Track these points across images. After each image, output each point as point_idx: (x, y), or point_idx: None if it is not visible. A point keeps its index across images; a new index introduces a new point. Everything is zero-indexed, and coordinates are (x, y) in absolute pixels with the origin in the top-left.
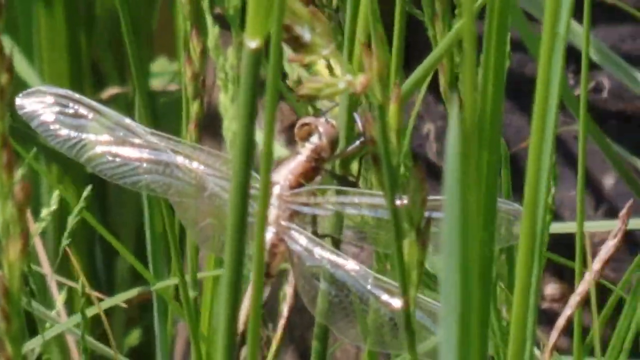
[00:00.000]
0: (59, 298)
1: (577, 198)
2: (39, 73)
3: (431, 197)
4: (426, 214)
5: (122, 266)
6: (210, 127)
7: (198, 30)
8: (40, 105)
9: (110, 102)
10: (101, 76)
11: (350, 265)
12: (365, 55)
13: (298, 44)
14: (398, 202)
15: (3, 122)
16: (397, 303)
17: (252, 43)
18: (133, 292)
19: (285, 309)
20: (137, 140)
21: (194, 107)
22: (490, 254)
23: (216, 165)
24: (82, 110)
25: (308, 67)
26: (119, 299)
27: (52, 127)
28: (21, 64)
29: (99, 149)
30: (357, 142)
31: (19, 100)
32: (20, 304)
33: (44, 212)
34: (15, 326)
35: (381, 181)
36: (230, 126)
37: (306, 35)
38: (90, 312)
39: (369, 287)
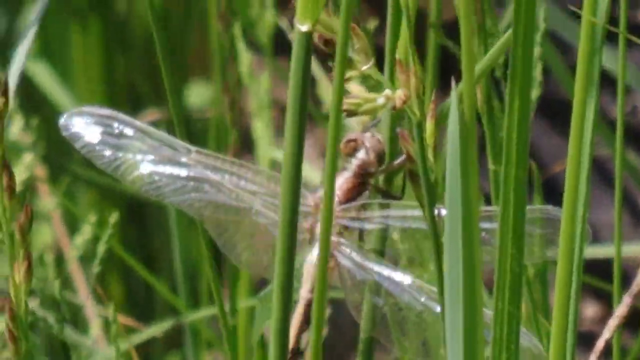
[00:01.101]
0: (94, 325)
1: (614, 220)
2: (75, 97)
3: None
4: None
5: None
6: (242, 153)
7: (232, 58)
8: (84, 126)
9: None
10: (137, 100)
11: (402, 277)
12: (400, 71)
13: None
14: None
15: (2, 145)
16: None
17: (303, 27)
18: (167, 324)
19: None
20: (182, 159)
21: (232, 135)
22: (519, 269)
23: (262, 182)
24: (127, 130)
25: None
26: (154, 332)
27: (97, 148)
28: (56, 89)
29: (144, 169)
30: (402, 157)
31: (62, 121)
32: (27, 326)
33: (78, 240)
34: (22, 348)
35: (419, 197)
36: (266, 153)
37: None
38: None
39: (423, 299)
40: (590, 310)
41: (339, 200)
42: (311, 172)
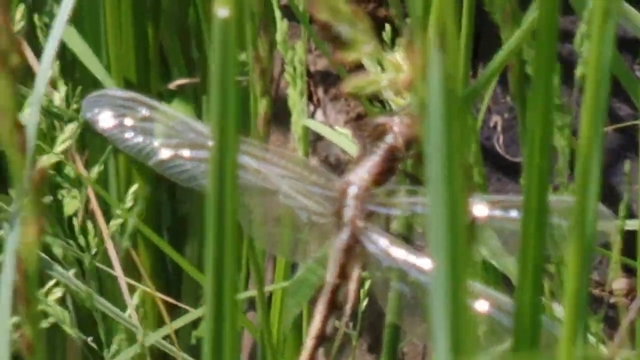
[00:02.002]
0: (131, 302)
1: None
2: (106, 65)
3: (498, 197)
4: (496, 211)
5: (192, 258)
6: (277, 120)
7: (266, 25)
8: (106, 108)
9: (178, 93)
10: (168, 67)
11: (428, 265)
12: (409, 51)
13: (339, 42)
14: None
15: (14, 104)
16: (476, 305)
17: (221, 12)
18: (199, 312)
19: (347, 308)
20: (205, 142)
21: (263, 104)
22: (542, 258)
23: (288, 165)
24: (149, 113)
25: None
26: (188, 319)
27: (118, 130)
28: (87, 56)
29: (167, 152)
30: None
31: (85, 104)
32: (37, 287)
33: (113, 222)
34: (33, 309)
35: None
36: (299, 120)
37: (346, 32)
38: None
39: None
40: (621, 282)
41: (367, 184)
42: (340, 138)
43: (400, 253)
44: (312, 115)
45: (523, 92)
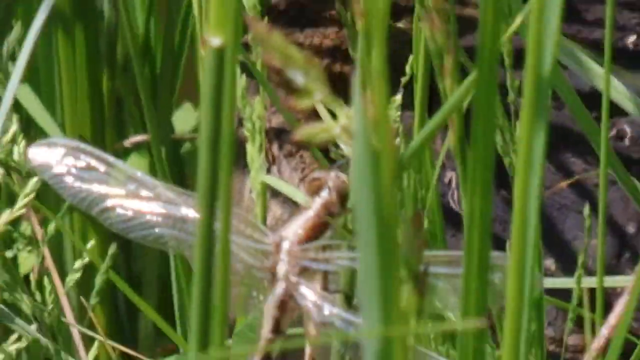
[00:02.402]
0: (89, 354)
1: (598, 248)
2: (60, 122)
3: (447, 253)
4: (445, 268)
5: (147, 319)
6: (235, 175)
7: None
8: (52, 157)
9: (134, 149)
10: (124, 122)
11: (361, 320)
12: (361, 99)
13: (290, 89)
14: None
15: None
16: None
17: (215, 40)
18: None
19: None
20: (149, 194)
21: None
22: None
23: (234, 222)
24: (94, 163)
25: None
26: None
27: (64, 179)
28: (41, 115)
29: (109, 202)
30: None
31: (30, 152)
32: None
33: (69, 277)
34: None
35: None
36: (257, 177)
37: (298, 79)
38: None
39: None
40: (575, 337)
41: (299, 239)
42: (296, 194)
43: (334, 309)
44: (267, 172)
45: (464, 148)
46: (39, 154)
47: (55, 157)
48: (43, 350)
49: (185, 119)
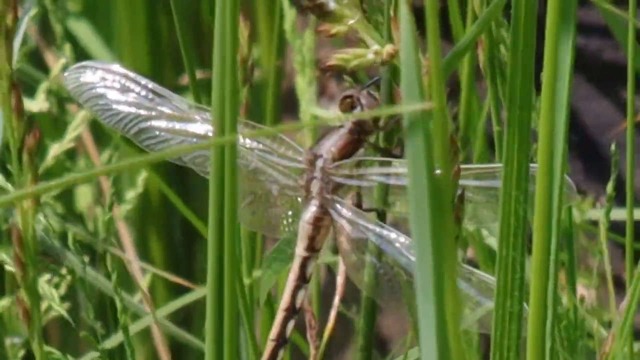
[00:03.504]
0: (143, 284)
1: None
2: (118, 58)
3: (477, 166)
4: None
5: (203, 253)
6: (290, 110)
7: (246, 14)
8: (87, 80)
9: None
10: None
11: (395, 236)
12: (393, 27)
13: (323, 13)
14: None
15: (10, 65)
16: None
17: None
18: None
19: (336, 299)
20: (183, 115)
21: (244, 93)
22: (524, 213)
23: (263, 141)
24: (129, 84)
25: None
26: (199, 294)
27: (99, 101)
28: (99, 49)
29: (145, 124)
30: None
31: (66, 75)
32: (35, 252)
33: (130, 194)
34: (30, 275)
35: None
36: (308, 109)
37: (330, 4)
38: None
39: (412, 257)
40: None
41: (333, 157)
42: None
43: (368, 225)
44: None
45: (494, 68)
46: (74, 78)
47: (90, 80)
48: (95, 284)
49: None
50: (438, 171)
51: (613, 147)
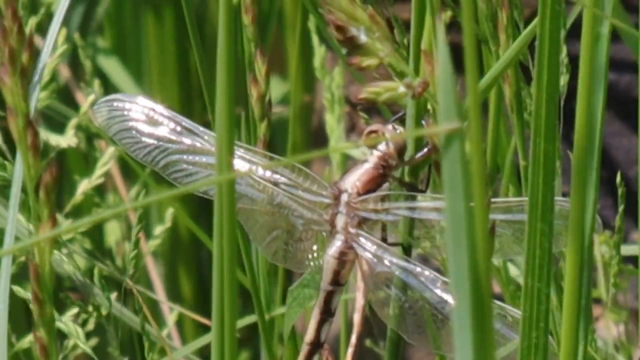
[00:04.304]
0: (170, 319)
1: None
2: (148, 94)
3: (505, 200)
4: (500, 216)
5: None
6: (320, 147)
7: (262, 51)
8: (115, 113)
9: None
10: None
11: (420, 270)
12: (425, 60)
13: (354, 46)
14: None
15: (26, 103)
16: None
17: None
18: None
19: (353, 337)
20: (208, 148)
21: (261, 128)
22: (549, 246)
23: (289, 175)
24: (157, 117)
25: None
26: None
27: (128, 134)
28: (129, 86)
29: (174, 157)
30: (425, 149)
31: (94, 109)
32: (51, 289)
33: (158, 230)
34: (47, 310)
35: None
36: (337, 146)
37: (362, 37)
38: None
39: (438, 291)
40: None
41: (357, 191)
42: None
43: (393, 259)
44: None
45: (520, 101)
46: (104, 111)
47: (119, 113)
48: (124, 321)
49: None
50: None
51: None
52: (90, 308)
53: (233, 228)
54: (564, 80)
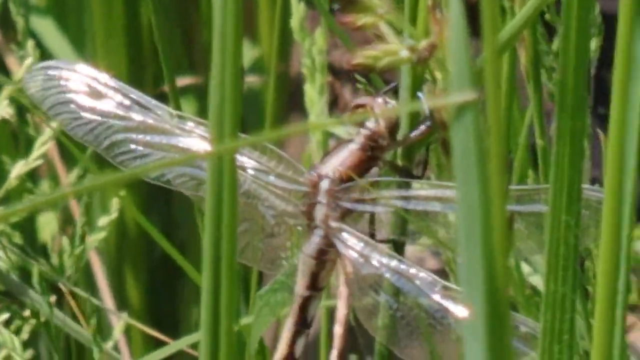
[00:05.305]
0: (117, 330)
1: None
2: (91, 61)
3: (517, 187)
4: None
5: (188, 290)
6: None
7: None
8: (52, 83)
9: (181, 93)
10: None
11: (415, 272)
12: (432, 19)
13: (349, 2)
14: None
15: None
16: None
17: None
18: (196, 337)
19: (334, 353)
20: (162, 126)
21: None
22: (575, 242)
23: (258, 158)
24: (101, 89)
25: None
26: (182, 343)
27: (66, 108)
28: (68, 51)
29: (120, 136)
30: (423, 127)
31: (26, 78)
32: None
33: (102, 221)
34: None
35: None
36: (318, 122)
37: None
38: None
39: (436, 297)
40: None
41: (340, 177)
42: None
43: (383, 259)
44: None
45: (537, 67)
46: (37, 81)
47: (55, 83)
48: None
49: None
50: None
51: None
52: (26, 313)
53: (234, 217)
54: (595, 43)
